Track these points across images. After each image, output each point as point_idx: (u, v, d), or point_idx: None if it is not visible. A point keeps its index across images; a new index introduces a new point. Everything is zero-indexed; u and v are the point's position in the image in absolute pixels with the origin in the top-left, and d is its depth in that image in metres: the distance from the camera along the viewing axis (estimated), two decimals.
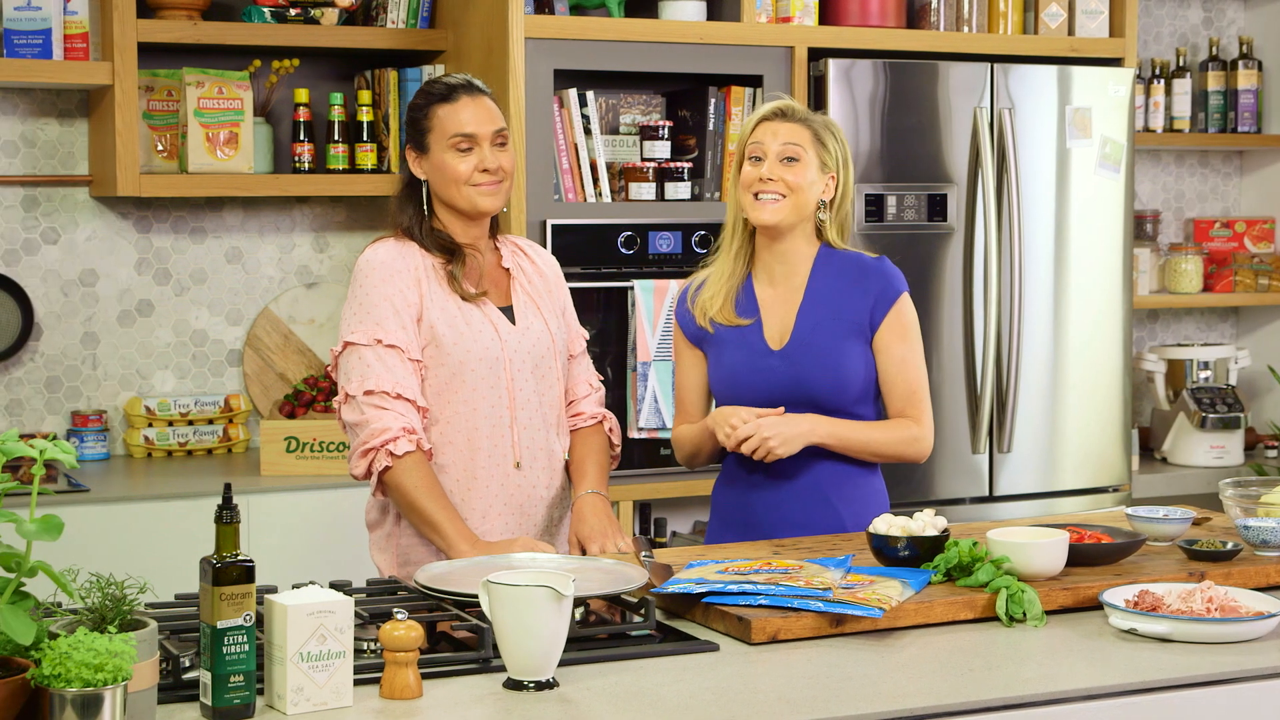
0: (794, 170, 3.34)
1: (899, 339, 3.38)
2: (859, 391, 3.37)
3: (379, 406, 3.15)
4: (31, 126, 4.73)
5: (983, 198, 4.88)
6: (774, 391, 3.36)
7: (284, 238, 4.99)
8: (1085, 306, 5.07)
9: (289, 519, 4.33)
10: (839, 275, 3.39)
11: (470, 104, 3.30)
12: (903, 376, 3.38)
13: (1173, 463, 5.62)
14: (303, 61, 4.85)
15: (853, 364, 3.36)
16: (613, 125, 4.90)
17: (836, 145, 3.39)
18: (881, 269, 3.40)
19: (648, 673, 2.46)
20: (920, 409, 3.39)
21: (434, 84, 3.35)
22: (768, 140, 3.36)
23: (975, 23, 5.06)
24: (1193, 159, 6.09)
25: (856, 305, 3.37)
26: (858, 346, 3.37)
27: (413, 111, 3.34)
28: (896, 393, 3.38)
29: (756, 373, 3.38)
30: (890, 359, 3.38)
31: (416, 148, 3.32)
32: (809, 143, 3.36)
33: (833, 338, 3.36)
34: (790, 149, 3.35)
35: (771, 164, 3.35)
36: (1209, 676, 2.49)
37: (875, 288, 3.37)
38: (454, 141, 3.27)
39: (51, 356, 4.78)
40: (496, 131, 3.30)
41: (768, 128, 3.37)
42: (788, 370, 3.36)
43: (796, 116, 3.39)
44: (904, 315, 3.39)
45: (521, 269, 3.42)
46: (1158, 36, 6.01)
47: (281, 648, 2.24)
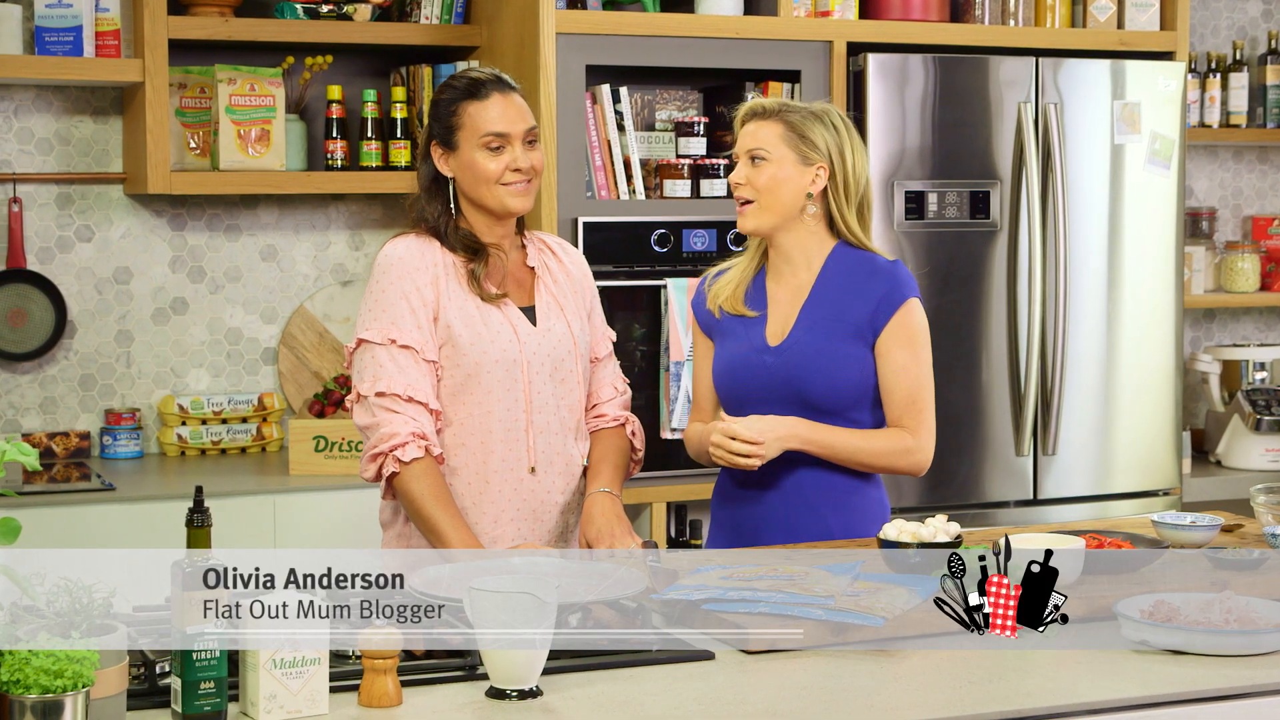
0: (761, 172, 3.27)
1: (901, 345, 3.27)
2: (854, 396, 3.28)
3: (390, 409, 3.10)
4: (66, 124, 4.72)
5: (1027, 195, 4.78)
6: (767, 388, 3.28)
7: (319, 235, 4.96)
8: (1137, 305, 4.96)
9: (316, 518, 4.30)
10: (848, 276, 3.30)
11: (501, 101, 3.23)
12: (902, 384, 3.27)
13: (1226, 466, 5.49)
14: (336, 58, 4.82)
15: (848, 367, 3.27)
16: (648, 121, 4.84)
17: (827, 133, 3.28)
18: (892, 273, 3.29)
19: (637, 681, 2.41)
20: (919, 419, 3.27)
21: (460, 78, 3.26)
22: (741, 142, 3.32)
23: (1021, 16, 4.96)
24: (1251, 155, 5.96)
25: (859, 308, 3.28)
26: (856, 350, 3.28)
27: (439, 106, 3.26)
28: (895, 400, 3.28)
29: (752, 368, 3.32)
30: (890, 365, 3.27)
31: (444, 145, 3.24)
32: (779, 139, 3.27)
33: (830, 339, 3.28)
34: (757, 150, 3.28)
35: (740, 167, 3.31)
36: (1219, 691, 2.40)
37: (880, 291, 3.27)
38: (485, 140, 3.21)
39: (85, 354, 4.77)
40: (528, 130, 3.24)
41: (745, 129, 3.32)
42: (781, 368, 3.29)
43: (770, 113, 3.30)
44: (908, 321, 3.28)
45: (547, 267, 3.35)
46: (1215, 30, 5.88)
47: (255, 654, 2.19)
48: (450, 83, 3.28)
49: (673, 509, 4.72)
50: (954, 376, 4.73)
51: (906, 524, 2.91)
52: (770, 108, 3.30)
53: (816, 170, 3.28)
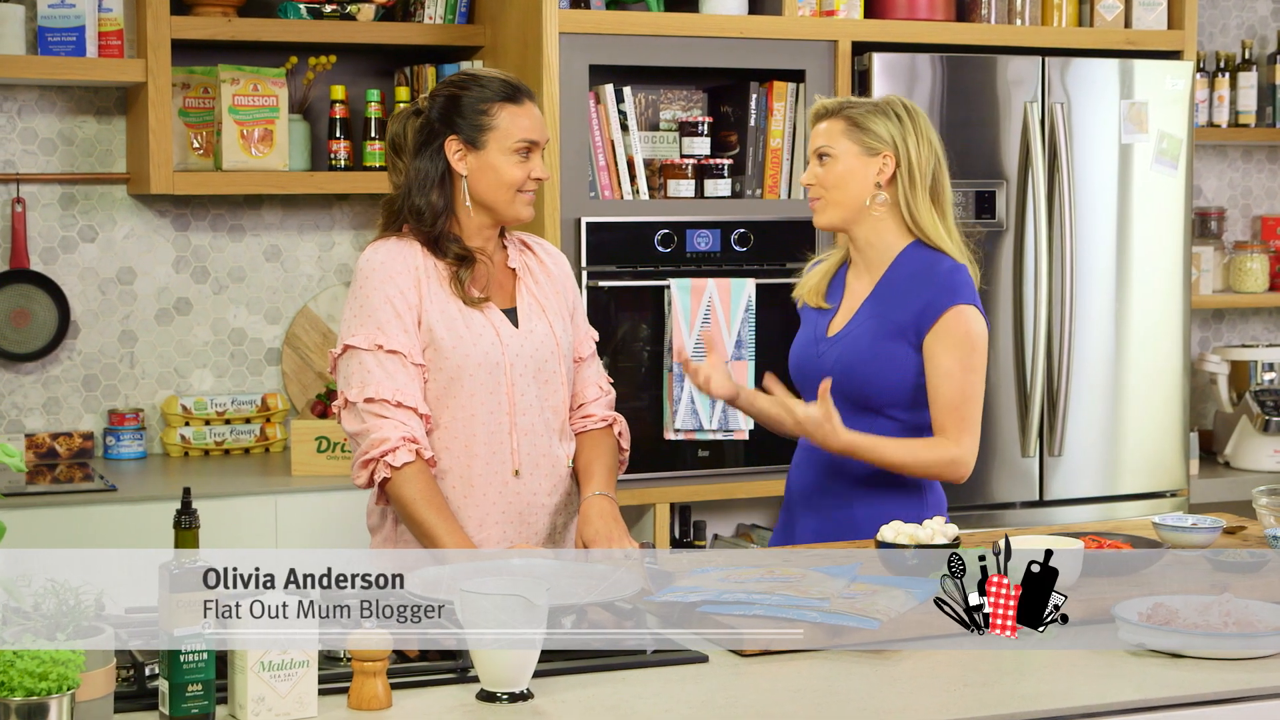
0: (826, 168, 3.33)
1: (946, 350, 3.25)
2: (894, 394, 3.27)
3: (379, 415, 3.09)
4: (69, 124, 4.72)
5: (1033, 195, 4.75)
6: (819, 378, 3.28)
7: (324, 236, 4.95)
8: (1144, 306, 4.93)
9: (318, 519, 4.29)
10: (910, 276, 3.30)
11: (532, 108, 3.23)
12: (946, 389, 3.25)
13: (1235, 467, 5.46)
14: (339, 58, 4.80)
15: (890, 365, 3.26)
16: (652, 121, 4.82)
17: (888, 123, 3.30)
18: (948, 278, 3.27)
19: (629, 684, 2.39)
20: (962, 426, 3.24)
21: (491, 80, 3.22)
22: (810, 145, 3.39)
23: (1028, 15, 4.94)
24: (1261, 154, 5.93)
25: (907, 308, 3.27)
26: (901, 349, 3.27)
27: (464, 104, 3.20)
28: (939, 404, 3.26)
29: (809, 357, 3.39)
30: (936, 369, 3.26)
31: (469, 143, 3.21)
32: (841, 134, 3.31)
33: (876, 336, 3.28)
34: (822, 148, 3.34)
35: (810, 166, 3.37)
36: (1217, 694, 2.38)
37: (929, 294, 3.26)
38: (519, 146, 3.19)
39: (89, 355, 4.76)
40: (546, 140, 3.25)
41: (813, 130, 3.39)
42: (830, 358, 3.32)
43: (831, 111, 3.36)
44: (955, 327, 3.25)
45: (528, 268, 3.34)
46: (1224, 29, 5.85)
47: (243, 656, 2.18)
48: (483, 82, 3.23)
49: (676, 510, 4.71)
50: None
51: (904, 526, 2.89)
52: (831, 106, 3.36)
53: (882, 160, 3.30)
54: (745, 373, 4.49)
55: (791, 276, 4.55)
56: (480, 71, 3.29)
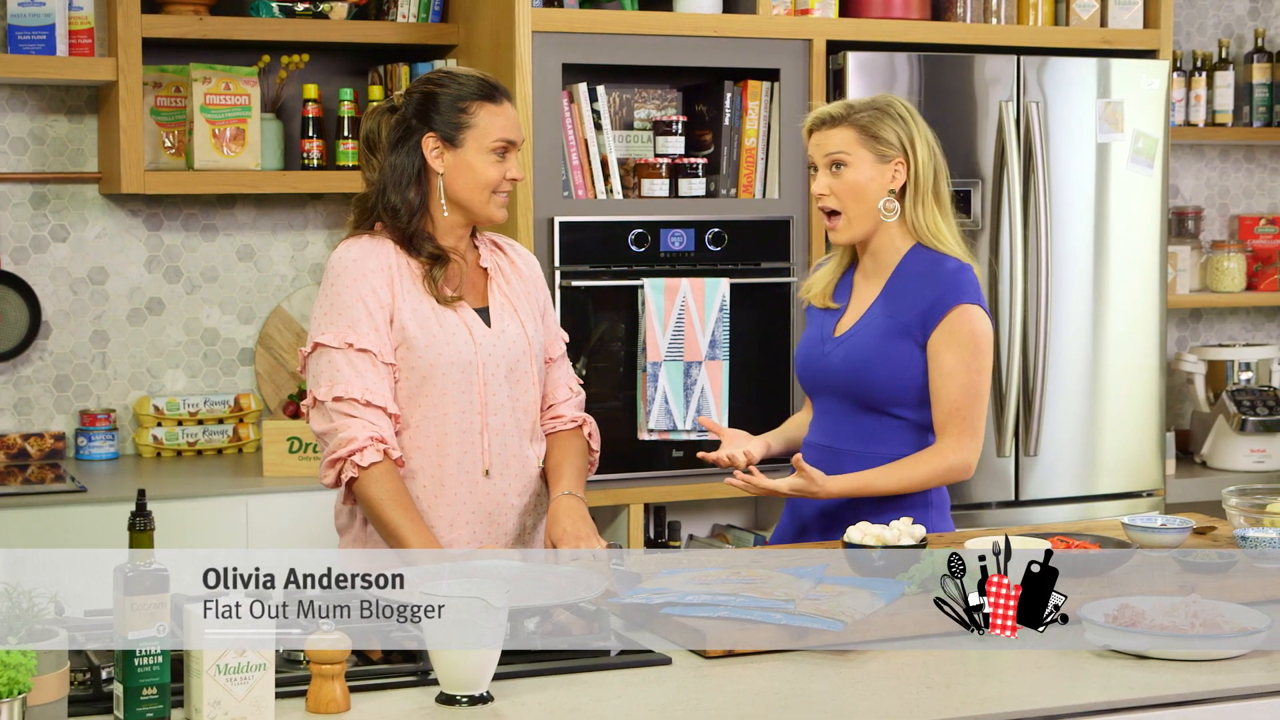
0: (842, 178, 3.29)
1: (950, 350, 3.24)
2: (901, 392, 3.27)
3: (347, 414, 3.07)
4: (40, 123, 4.69)
5: (1008, 194, 4.75)
6: (827, 377, 3.32)
7: (297, 235, 4.93)
8: (1121, 305, 4.92)
9: (289, 519, 4.27)
10: (916, 277, 3.29)
11: (509, 108, 3.22)
12: (948, 389, 3.24)
13: (1212, 467, 5.45)
14: (312, 57, 4.78)
15: (897, 364, 3.26)
16: (626, 120, 4.80)
17: (896, 126, 3.29)
18: (954, 278, 3.26)
19: (591, 687, 2.37)
20: (963, 426, 3.24)
21: (468, 79, 3.21)
22: (815, 152, 3.34)
23: (1004, 14, 4.93)
24: (1238, 154, 5.92)
25: (914, 307, 3.26)
26: (906, 347, 3.26)
27: (442, 101, 3.18)
28: (940, 404, 3.26)
29: (817, 357, 3.37)
30: (939, 369, 3.25)
31: (445, 140, 3.18)
32: (855, 142, 3.28)
33: (882, 336, 3.28)
34: (834, 157, 3.30)
35: (821, 176, 3.33)
36: (1182, 696, 2.37)
37: (934, 293, 3.25)
38: (497, 145, 3.17)
39: (60, 355, 4.74)
40: (522, 140, 3.24)
41: (815, 139, 3.34)
42: (837, 358, 3.32)
43: (838, 119, 3.31)
44: (959, 327, 3.24)
45: (500, 268, 3.32)
46: (1201, 28, 5.84)
47: (198, 660, 2.16)
48: (461, 80, 3.21)
49: (651, 510, 4.69)
50: None
51: (871, 526, 2.88)
52: (837, 113, 3.31)
53: (895, 166, 3.29)
54: (720, 373, 4.47)
55: (766, 276, 4.57)
56: (457, 70, 3.27)
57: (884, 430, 3.28)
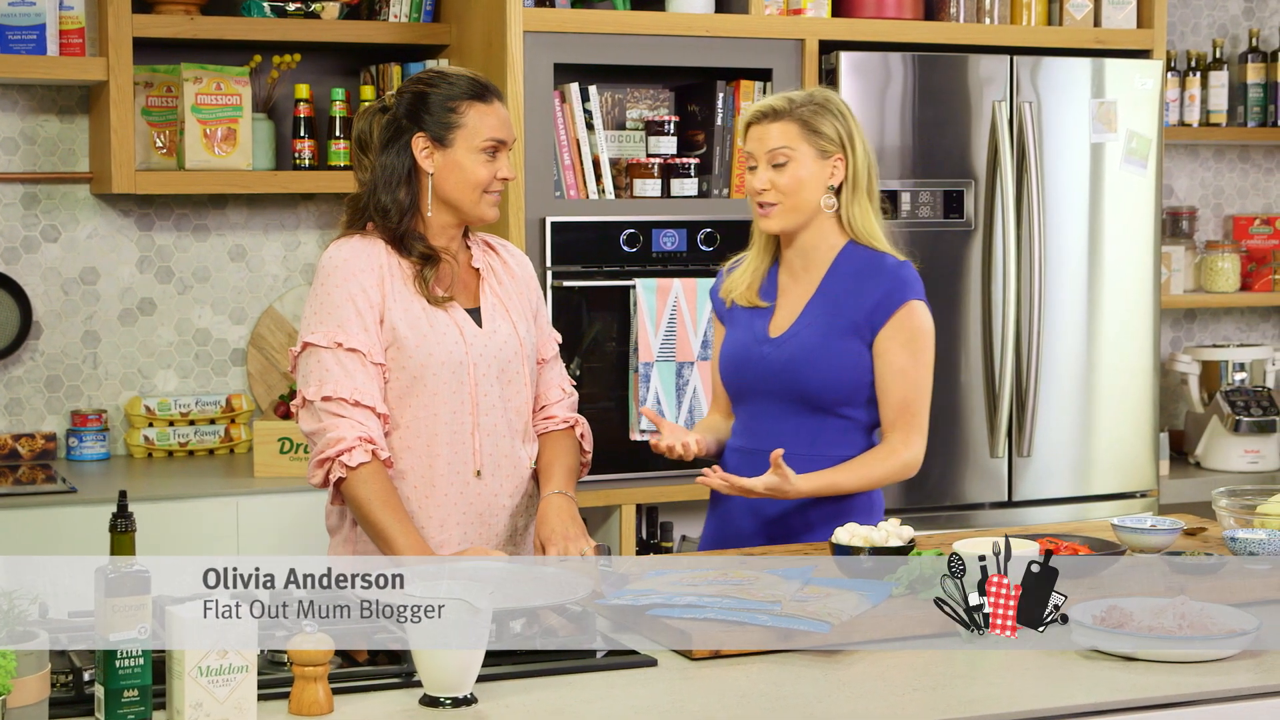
0: (785, 173, 3.25)
1: (899, 347, 3.24)
2: (847, 392, 3.25)
3: (336, 414, 3.06)
4: (31, 123, 4.68)
5: (1001, 194, 4.74)
6: (765, 380, 3.27)
7: (289, 235, 4.92)
8: (1115, 306, 4.92)
9: (279, 520, 4.25)
10: (855, 274, 3.27)
11: (500, 108, 3.20)
12: (898, 386, 3.24)
13: (1205, 467, 5.44)
14: (304, 57, 4.77)
15: (844, 363, 3.24)
16: (618, 120, 4.79)
17: (836, 123, 3.26)
18: (897, 273, 3.26)
19: (575, 689, 2.37)
20: (912, 423, 3.24)
21: (459, 78, 3.19)
22: (756, 146, 3.29)
23: (997, 14, 4.92)
24: (1233, 154, 5.92)
25: (859, 305, 3.25)
26: (854, 346, 3.25)
27: (433, 101, 3.17)
28: (890, 402, 3.25)
29: (751, 359, 3.31)
30: (887, 366, 3.24)
31: (435, 140, 3.17)
32: (798, 138, 3.25)
33: (827, 335, 3.25)
34: (777, 154, 3.26)
35: (763, 171, 3.28)
36: (1168, 698, 2.36)
37: (881, 290, 3.24)
38: (487, 145, 3.16)
39: (52, 355, 4.73)
40: (512, 140, 3.22)
41: (755, 132, 3.29)
42: (778, 360, 3.27)
43: (781, 114, 3.27)
44: (908, 323, 3.24)
45: (492, 269, 3.31)
46: (1195, 28, 5.83)
47: (180, 661, 2.15)
48: (450, 79, 3.20)
49: (643, 511, 4.68)
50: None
51: (859, 528, 2.87)
52: (779, 107, 3.27)
53: (834, 162, 3.26)
54: (710, 373, 4.46)
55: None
56: (448, 70, 3.26)
57: (829, 431, 3.26)
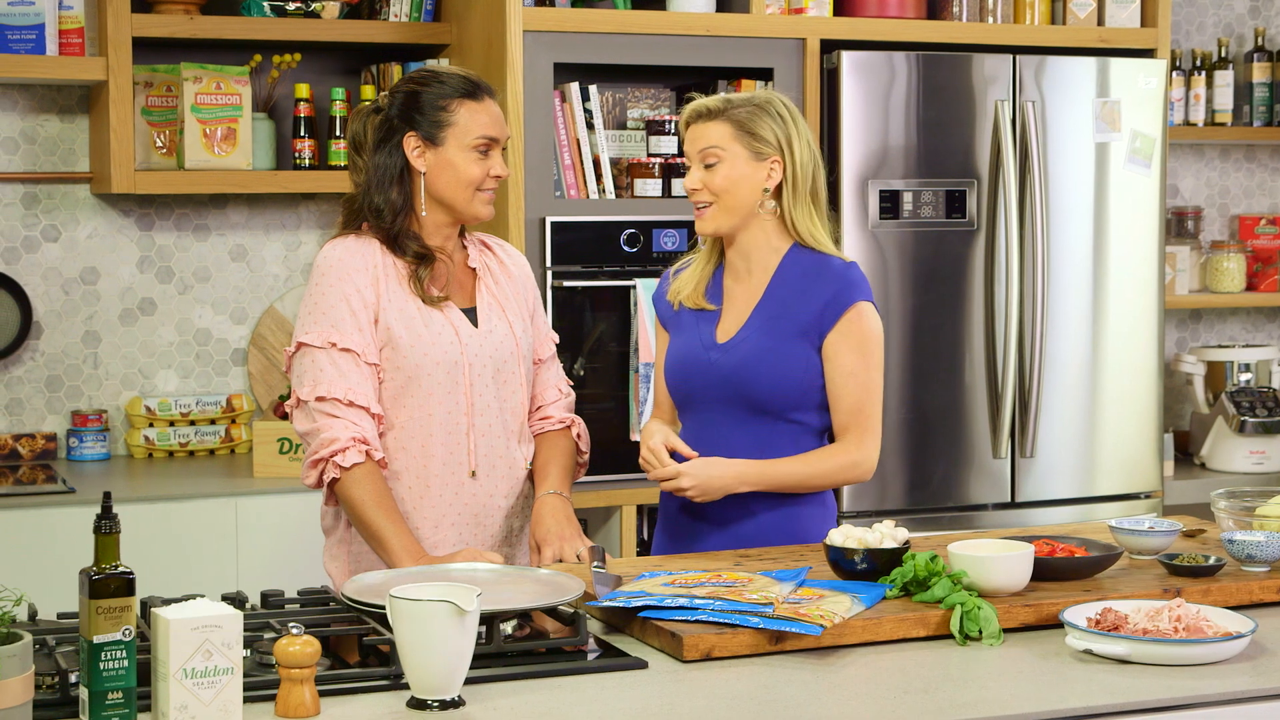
0: (717, 174, 3.20)
1: (850, 349, 3.19)
2: (798, 397, 3.20)
3: (330, 414, 3.05)
4: (31, 123, 4.68)
5: (1004, 194, 4.72)
6: (712, 386, 3.23)
7: (289, 235, 4.91)
8: (1120, 306, 4.89)
9: (278, 521, 4.24)
10: (801, 276, 3.23)
11: (492, 105, 3.19)
12: (849, 390, 3.19)
13: (1211, 468, 5.42)
14: (304, 56, 4.77)
15: (793, 367, 3.19)
16: (619, 120, 4.78)
17: (774, 125, 3.21)
18: (844, 274, 3.21)
19: (564, 691, 2.35)
20: (864, 427, 3.20)
21: (451, 77, 3.19)
22: (690, 147, 3.25)
23: (1000, 13, 4.90)
24: (1238, 153, 5.89)
25: (807, 308, 3.20)
26: (802, 350, 3.20)
27: (424, 100, 3.16)
28: (841, 406, 3.20)
29: (698, 365, 3.26)
30: (838, 369, 3.20)
31: (427, 139, 3.17)
32: (730, 138, 3.20)
33: (776, 338, 3.20)
34: (708, 153, 3.21)
35: (694, 171, 3.24)
36: (1162, 702, 2.34)
37: (829, 292, 3.19)
38: (478, 143, 3.15)
39: (52, 355, 4.72)
40: (507, 138, 3.21)
41: (691, 132, 3.25)
42: (726, 366, 3.22)
43: (715, 114, 3.22)
44: (858, 325, 3.20)
45: (488, 268, 3.30)
46: (1200, 27, 5.81)
47: (165, 663, 2.14)
48: (440, 78, 3.19)
49: (644, 512, 4.67)
50: (931, 377, 4.67)
51: (853, 530, 2.85)
52: (715, 107, 3.22)
53: (770, 165, 3.21)
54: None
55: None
56: (441, 68, 3.25)
57: (780, 437, 3.21)
